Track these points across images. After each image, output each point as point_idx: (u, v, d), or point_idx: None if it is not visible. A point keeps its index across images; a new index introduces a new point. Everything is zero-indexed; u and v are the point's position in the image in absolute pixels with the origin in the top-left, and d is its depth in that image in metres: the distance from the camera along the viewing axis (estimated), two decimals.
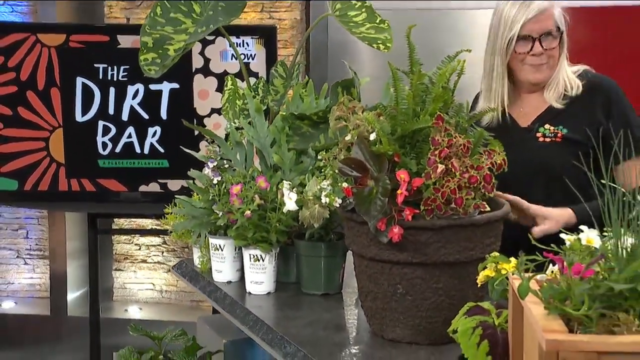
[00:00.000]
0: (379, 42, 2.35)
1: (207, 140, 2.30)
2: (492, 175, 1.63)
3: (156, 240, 4.95)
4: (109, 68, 3.47)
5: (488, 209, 1.66)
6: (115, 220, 4.83)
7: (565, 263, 1.09)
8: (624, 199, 1.20)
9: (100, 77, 3.47)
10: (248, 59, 3.44)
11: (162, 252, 4.95)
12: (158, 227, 4.41)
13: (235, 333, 2.20)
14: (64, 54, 3.46)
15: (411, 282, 1.66)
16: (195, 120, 3.46)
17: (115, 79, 3.48)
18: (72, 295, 4.87)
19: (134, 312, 4.81)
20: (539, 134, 2.24)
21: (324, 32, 4.27)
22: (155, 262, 4.97)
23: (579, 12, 2.53)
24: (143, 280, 5.01)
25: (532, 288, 1.12)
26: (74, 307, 4.82)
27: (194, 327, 2.50)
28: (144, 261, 5.00)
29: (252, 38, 3.44)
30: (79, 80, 3.48)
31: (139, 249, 5.00)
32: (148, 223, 4.68)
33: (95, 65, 3.47)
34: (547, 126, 2.24)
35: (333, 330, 1.81)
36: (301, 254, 2.07)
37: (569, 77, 2.25)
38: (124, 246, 5.00)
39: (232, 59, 3.46)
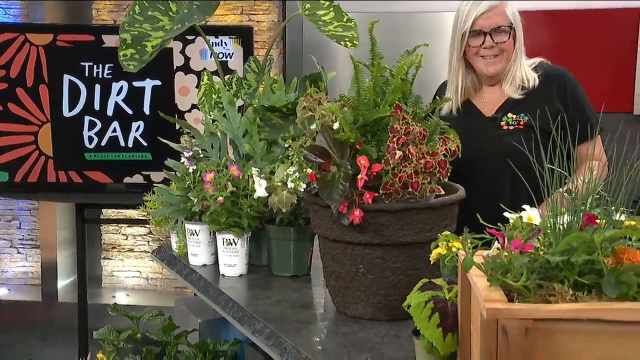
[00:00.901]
0: (346, 39, 2.35)
1: (185, 133, 2.28)
2: (446, 161, 1.64)
3: (142, 230, 4.93)
4: (95, 66, 3.45)
5: (443, 192, 1.66)
6: (104, 211, 4.81)
7: (506, 238, 1.10)
8: (566, 181, 1.22)
9: (86, 74, 3.45)
10: (226, 57, 3.43)
11: (148, 242, 4.93)
12: (143, 217, 4.40)
13: (210, 313, 2.19)
14: (52, 52, 3.43)
15: (371, 262, 1.66)
16: (176, 115, 3.45)
17: (100, 76, 3.45)
18: (62, 282, 4.85)
19: (121, 298, 4.79)
20: (502, 122, 2.27)
21: (299, 34, 4.28)
22: (141, 251, 4.96)
23: (536, 16, 2.56)
24: (130, 268, 5.00)
25: (477, 262, 1.13)
26: (64, 294, 4.81)
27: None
28: (131, 250, 4.98)
29: (230, 38, 3.43)
30: (66, 78, 3.45)
31: (126, 238, 4.98)
32: (135, 214, 4.67)
33: (82, 63, 3.44)
34: (509, 115, 2.27)
35: (300, 309, 1.81)
36: (272, 238, 2.07)
37: (525, 70, 2.28)
38: (112, 236, 4.98)
39: (211, 57, 3.45)
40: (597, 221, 1.07)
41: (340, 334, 1.64)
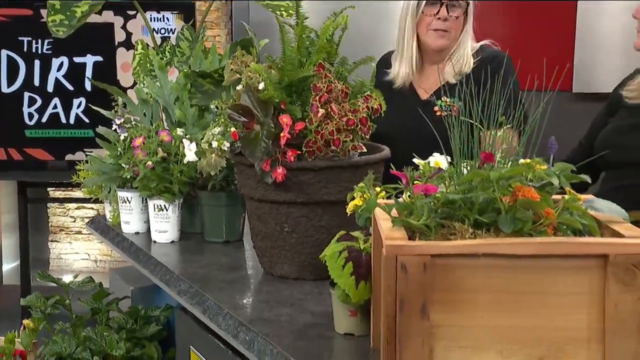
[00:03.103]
0: (281, 9, 2.35)
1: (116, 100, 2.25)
2: (368, 119, 1.64)
3: (90, 212, 4.86)
4: (34, 41, 3.38)
5: (366, 150, 1.67)
6: (50, 193, 4.74)
7: (408, 179, 1.11)
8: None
9: (25, 50, 3.38)
10: (168, 33, 3.40)
11: None
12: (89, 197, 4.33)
13: (144, 282, 2.17)
14: None
15: (296, 221, 1.66)
16: None
17: (40, 51, 3.39)
18: (8, 266, 4.76)
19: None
20: (436, 108, 2.25)
21: (246, 13, 4.24)
22: (89, 234, 4.89)
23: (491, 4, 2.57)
24: (78, 251, 4.93)
25: (380, 204, 1.13)
26: (9, 277, 4.72)
27: None
28: (79, 232, 4.91)
29: (172, 13, 3.40)
30: (4, 53, 3.38)
31: (74, 221, 4.91)
32: (82, 194, 4.59)
33: (20, 38, 3.38)
34: (444, 99, 2.25)
35: (227, 271, 1.80)
36: (204, 204, 2.05)
37: (468, 54, 2.28)
38: (59, 218, 4.90)
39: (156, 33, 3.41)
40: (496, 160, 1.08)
41: (264, 292, 1.64)
